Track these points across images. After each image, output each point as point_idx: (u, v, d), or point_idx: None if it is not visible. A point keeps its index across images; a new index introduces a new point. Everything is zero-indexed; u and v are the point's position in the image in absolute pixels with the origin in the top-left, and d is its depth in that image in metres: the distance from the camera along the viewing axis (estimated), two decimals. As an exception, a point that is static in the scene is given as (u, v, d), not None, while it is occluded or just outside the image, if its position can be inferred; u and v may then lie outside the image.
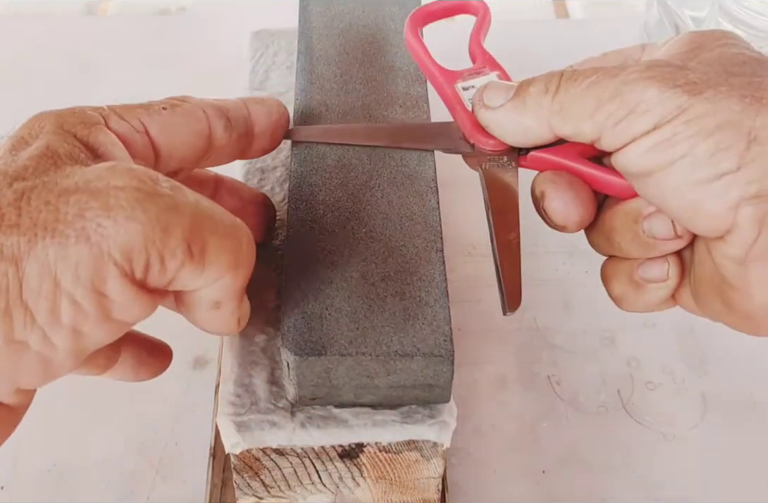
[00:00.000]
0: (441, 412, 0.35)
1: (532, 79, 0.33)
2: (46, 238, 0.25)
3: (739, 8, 0.50)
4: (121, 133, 0.32)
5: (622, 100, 0.29)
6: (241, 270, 0.30)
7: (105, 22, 0.74)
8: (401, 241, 0.36)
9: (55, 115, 0.31)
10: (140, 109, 0.33)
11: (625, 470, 0.46)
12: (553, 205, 0.33)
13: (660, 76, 0.29)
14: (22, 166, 0.28)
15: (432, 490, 0.39)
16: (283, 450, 0.36)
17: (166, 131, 0.33)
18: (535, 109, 0.32)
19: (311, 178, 0.38)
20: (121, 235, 0.26)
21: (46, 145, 0.29)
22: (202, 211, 0.28)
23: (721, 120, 0.28)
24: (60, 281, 0.25)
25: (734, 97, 0.28)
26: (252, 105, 0.37)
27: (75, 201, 0.26)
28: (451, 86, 0.36)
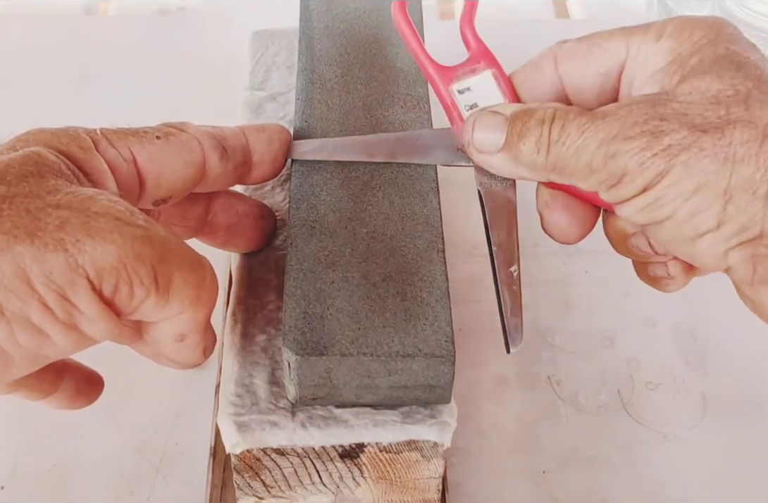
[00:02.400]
0: (441, 412, 0.35)
1: (522, 131, 0.32)
2: (26, 241, 0.26)
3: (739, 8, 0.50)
4: (111, 160, 0.32)
5: (609, 172, 0.31)
6: (204, 304, 0.31)
7: (105, 22, 0.74)
8: (402, 241, 0.36)
9: (50, 133, 0.32)
10: (133, 137, 0.33)
11: (625, 470, 0.46)
12: (551, 226, 0.35)
13: (639, 138, 0.30)
14: (5, 164, 0.29)
15: (432, 490, 0.39)
16: (283, 450, 0.36)
17: (155, 161, 0.34)
18: (530, 165, 0.33)
19: (312, 178, 0.38)
20: (97, 252, 0.27)
21: (35, 150, 0.30)
22: (170, 246, 0.29)
23: (698, 183, 0.29)
24: (33, 283, 0.26)
25: (708, 157, 0.29)
26: (251, 134, 0.37)
27: (57, 215, 0.27)
28: (447, 88, 0.35)
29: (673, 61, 0.31)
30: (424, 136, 0.37)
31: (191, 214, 0.39)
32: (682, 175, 0.29)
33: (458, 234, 0.53)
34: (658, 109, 0.30)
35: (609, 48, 0.33)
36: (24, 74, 0.66)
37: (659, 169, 0.29)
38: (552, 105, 0.33)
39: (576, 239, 0.35)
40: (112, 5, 0.76)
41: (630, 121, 0.30)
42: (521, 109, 0.33)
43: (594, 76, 0.33)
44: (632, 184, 0.30)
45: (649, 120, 0.30)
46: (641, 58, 0.32)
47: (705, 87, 0.30)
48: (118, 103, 0.63)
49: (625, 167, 0.30)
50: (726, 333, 0.52)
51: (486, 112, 0.34)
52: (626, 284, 0.54)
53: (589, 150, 0.31)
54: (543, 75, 0.34)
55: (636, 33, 0.33)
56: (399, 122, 0.41)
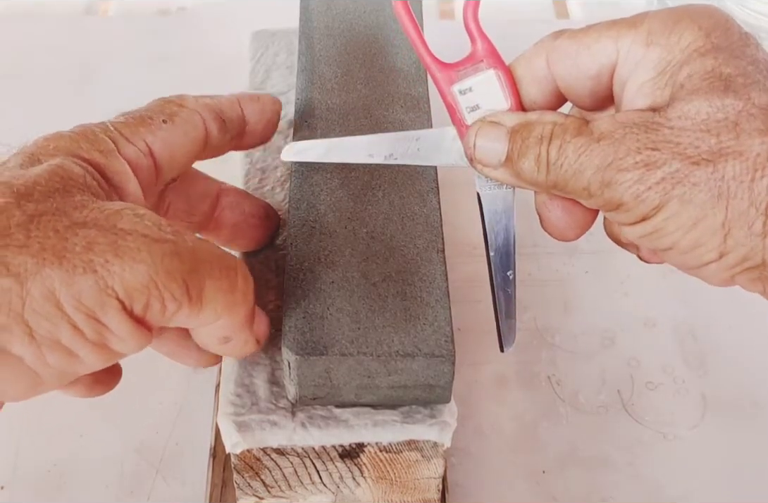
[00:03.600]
0: (441, 412, 0.35)
1: (521, 148, 0.32)
2: (54, 263, 0.26)
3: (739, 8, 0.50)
4: (132, 159, 0.33)
5: (605, 199, 0.31)
6: (239, 307, 0.31)
7: (105, 22, 0.74)
8: (402, 241, 0.36)
9: (69, 139, 0.32)
10: (143, 128, 0.34)
11: (625, 470, 0.46)
12: (549, 225, 0.35)
13: (633, 170, 0.30)
14: (32, 181, 0.28)
15: (432, 490, 0.39)
16: (283, 449, 0.36)
17: (168, 147, 0.34)
18: (531, 182, 0.33)
19: (312, 178, 0.38)
20: (127, 273, 0.27)
21: (59, 163, 0.30)
22: (199, 256, 0.29)
23: (695, 217, 0.29)
24: (63, 306, 0.26)
25: (702, 191, 0.29)
26: (246, 103, 0.38)
27: (84, 235, 0.27)
28: (448, 88, 0.35)
29: (662, 72, 0.31)
30: (424, 136, 0.37)
31: (197, 211, 0.39)
32: (678, 209, 0.29)
33: (458, 234, 0.53)
34: (650, 136, 0.30)
35: (598, 51, 0.33)
36: (24, 74, 0.66)
37: (655, 203, 0.30)
38: (550, 119, 0.32)
39: (575, 237, 0.35)
40: (112, 5, 0.76)
41: (624, 147, 0.30)
42: (521, 121, 0.33)
43: (585, 79, 0.33)
44: (629, 213, 0.31)
45: (642, 149, 0.30)
46: (631, 62, 0.32)
47: (695, 111, 0.30)
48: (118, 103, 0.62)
49: (620, 198, 0.30)
50: (726, 333, 0.52)
51: (487, 124, 0.34)
52: (626, 284, 0.54)
53: (586, 175, 0.31)
54: (538, 73, 0.34)
55: (624, 34, 0.32)
56: (399, 122, 0.41)
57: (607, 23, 0.33)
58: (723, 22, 0.31)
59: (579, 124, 0.31)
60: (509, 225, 0.36)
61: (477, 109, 0.35)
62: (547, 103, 0.34)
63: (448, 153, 0.36)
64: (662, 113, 0.30)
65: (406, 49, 0.44)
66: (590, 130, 0.31)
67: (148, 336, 0.29)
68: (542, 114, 0.33)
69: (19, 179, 0.28)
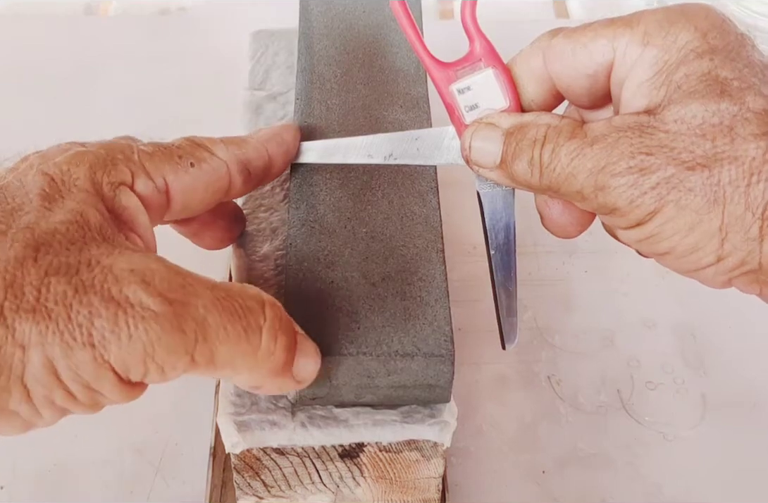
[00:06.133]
0: (441, 412, 0.35)
1: (515, 151, 0.32)
2: (56, 334, 0.26)
3: (739, 8, 0.50)
4: (145, 195, 0.32)
5: (599, 203, 0.31)
6: (262, 366, 0.30)
7: (105, 22, 0.74)
8: (402, 241, 0.36)
9: (89, 164, 0.31)
10: (168, 166, 0.33)
11: (625, 470, 0.46)
12: (550, 223, 0.35)
13: (627, 174, 0.29)
14: (52, 229, 0.28)
15: (432, 490, 0.39)
16: (283, 449, 0.36)
17: (187, 191, 0.34)
18: (525, 184, 0.33)
19: (312, 178, 0.38)
20: (122, 350, 0.27)
21: (79, 212, 0.29)
22: (210, 322, 0.28)
23: (691, 222, 0.29)
24: (60, 375, 0.27)
25: (698, 196, 0.29)
26: (272, 148, 0.37)
27: (88, 303, 0.27)
28: (447, 88, 0.35)
29: (659, 72, 0.31)
30: (423, 135, 0.37)
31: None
32: (674, 214, 0.29)
33: (458, 233, 0.53)
34: (644, 140, 0.30)
35: (594, 50, 0.32)
36: (24, 74, 0.66)
37: (650, 209, 0.29)
38: (545, 121, 0.32)
39: (576, 234, 0.36)
40: (112, 5, 0.76)
41: (617, 151, 0.30)
42: (516, 123, 0.33)
43: (582, 78, 0.33)
44: (624, 218, 0.30)
45: (635, 153, 0.29)
46: (628, 61, 0.32)
47: (690, 115, 0.29)
48: (118, 103, 0.63)
49: (614, 203, 0.30)
50: (726, 333, 0.52)
51: (483, 125, 0.34)
52: (626, 284, 0.54)
53: (579, 179, 0.30)
54: (535, 72, 0.34)
55: (621, 33, 0.32)
56: (398, 122, 0.41)
57: (603, 22, 0.33)
58: (719, 22, 0.31)
59: (573, 127, 0.31)
60: (509, 223, 0.36)
61: (475, 108, 0.35)
62: (545, 101, 0.34)
63: (448, 152, 0.36)
64: (657, 117, 0.30)
65: (406, 49, 0.44)
66: (584, 133, 0.31)
67: (142, 391, 0.29)
68: (538, 115, 0.33)
69: (42, 225, 0.28)
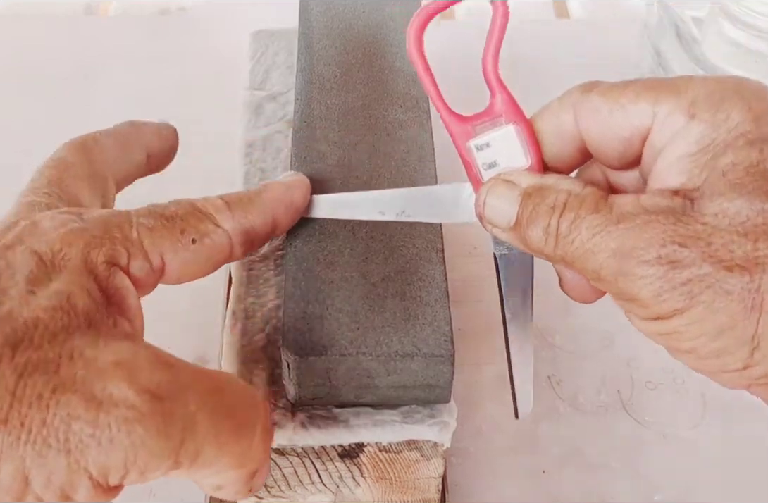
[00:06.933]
0: (441, 412, 0.35)
1: (531, 215, 0.30)
2: (28, 443, 0.25)
3: (739, 8, 0.50)
4: (139, 277, 0.31)
5: (618, 289, 0.28)
6: (244, 468, 0.29)
7: (105, 22, 0.74)
8: (402, 241, 0.36)
9: (84, 243, 0.29)
10: (168, 243, 0.31)
11: (625, 470, 0.46)
12: (569, 289, 0.34)
13: (656, 265, 0.27)
14: (35, 319, 0.27)
15: (432, 490, 0.39)
16: (283, 449, 0.36)
17: (184, 269, 0.32)
18: (538, 252, 0.31)
19: (312, 178, 0.38)
20: (102, 456, 0.25)
21: (66, 295, 0.28)
22: (198, 423, 0.27)
23: (722, 326, 0.27)
24: (31, 482, 0.25)
25: (734, 301, 0.26)
26: (281, 214, 0.35)
27: (65, 402, 0.25)
28: (464, 144, 0.32)
29: (703, 150, 0.28)
30: (437, 191, 0.35)
31: None
32: (704, 316, 0.27)
33: (458, 233, 0.53)
34: (679, 228, 0.27)
35: (632, 112, 0.30)
36: (24, 74, 0.66)
37: (677, 306, 0.27)
38: (566, 186, 0.30)
39: (595, 299, 0.34)
40: (112, 5, 0.76)
41: (646, 236, 0.27)
42: (536, 184, 0.31)
43: (616, 141, 0.30)
44: (644, 310, 0.28)
45: (667, 242, 0.27)
46: (668, 130, 0.29)
47: (734, 211, 0.27)
48: (118, 103, 0.63)
49: (637, 293, 0.27)
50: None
51: (500, 182, 0.32)
52: (626, 284, 0.54)
53: (599, 258, 0.28)
54: (563, 128, 0.31)
55: (664, 99, 0.29)
56: (398, 122, 0.41)
57: (645, 83, 0.30)
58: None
59: (597, 198, 0.29)
60: (527, 288, 0.34)
61: (494, 165, 0.32)
62: (571, 158, 0.32)
63: (464, 210, 0.34)
64: (695, 205, 0.27)
65: (406, 49, 0.44)
66: (609, 208, 0.28)
67: (118, 493, 0.27)
68: (559, 179, 0.31)
69: (24, 313, 0.27)
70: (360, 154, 0.40)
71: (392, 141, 0.40)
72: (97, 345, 0.27)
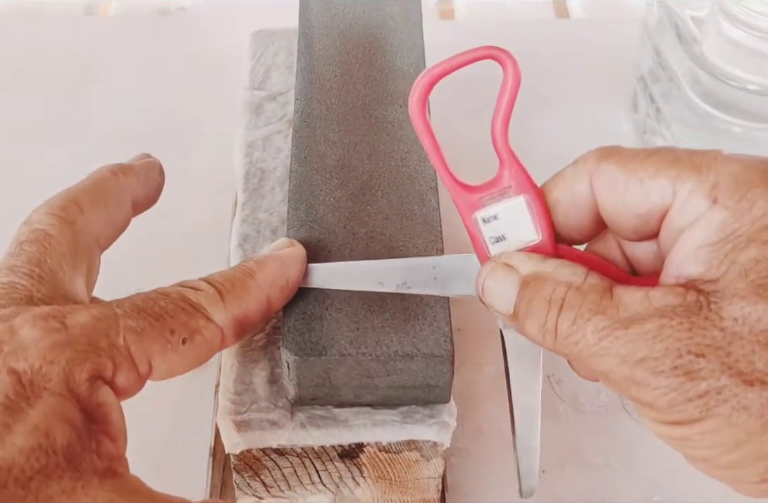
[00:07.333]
0: (441, 412, 0.35)
1: (528, 308, 0.29)
2: None
3: (739, 8, 0.50)
4: (125, 387, 0.29)
5: (630, 395, 0.27)
6: None
7: (105, 22, 0.74)
8: (401, 241, 0.36)
9: (66, 360, 0.27)
10: (157, 346, 0.29)
11: (625, 470, 0.46)
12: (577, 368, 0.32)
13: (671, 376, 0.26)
14: (10, 462, 0.24)
15: (432, 490, 0.39)
16: (283, 449, 0.36)
17: (171, 370, 0.30)
18: (539, 344, 0.29)
19: (311, 178, 0.38)
20: None
21: (45, 431, 0.25)
22: None
23: (739, 440, 0.26)
24: None
25: (753, 416, 0.25)
26: (276, 295, 0.33)
27: None
28: (470, 216, 0.31)
29: (725, 240, 0.26)
30: (441, 263, 0.33)
31: None
32: (720, 428, 0.25)
33: (458, 234, 0.53)
34: (695, 336, 0.25)
35: (651, 189, 0.28)
36: (24, 74, 0.66)
37: (692, 416, 0.26)
38: (566, 277, 0.28)
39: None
40: (112, 5, 0.76)
41: (661, 346, 0.26)
42: (535, 271, 0.29)
43: (632, 216, 0.29)
44: (658, 415, 0.27)
45: (683, 352, 0.25)
46: (689, 213, 0.27)
47: (755, 317, 0.25)
48: (118, 103, 0.63)
49: (651, 401, 0.26)
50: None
51: (500, 266, 0.30)
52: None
53: (607, 363, 0.26)
54: (578, 199, 0.30)
55: (686, 177, 0.27)
56: (398, 121, 0.41)
57: (666, 158, 0.28)
58: None
59: (600, 294, 0.27)
60: (536, 367, 0.33)
61: (503, 239, 0.31)
62: (586, 229, 0.31)
63: (469, 283, 0.32)
64: (712, 302, 0.26)
65: (406, 49, 0.44)
66: (615, 308, 0.27)
67: None
68: (558, 267, 0.29)
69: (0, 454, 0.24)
70: (360, 154, 0.40)
71: (392, 141, 0.40)
72: (75, 493, 0.25)
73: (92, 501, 0.25)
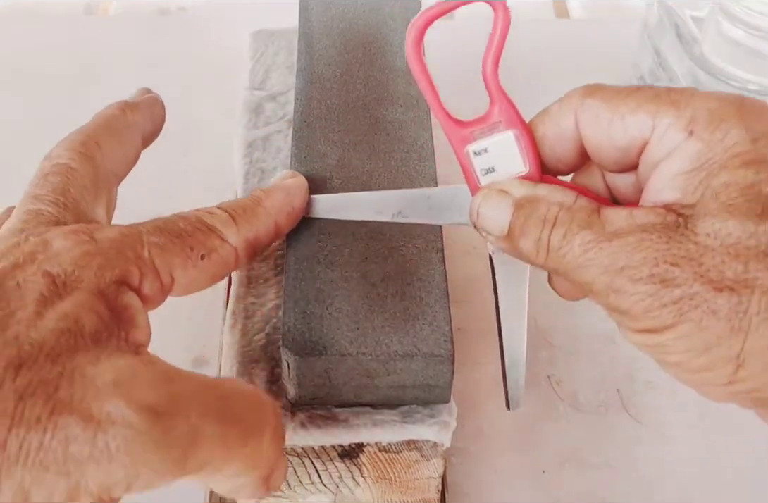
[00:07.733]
0: (441, 412, 0.35)
1: (522, 227, 0.30)
2: (27, 465, 0.25)
3: (739, 8, 0.50)
4: (150, 295, 0.31)
5: (609, 303, 0.29)
6: (261, 467, 0.29)
7: (105, 22, 0.74)
8: (401, 241, 0.36)
9: (97, 266, 0.29)
10: (178, 260, 0.32)
11: (625, 470, 0.46)
12: (557, 286, 0.35)
13: (648, 283, 0.27)
14: (40, 341, 0.26)
15: (432, 490, 0.39)
16: (283, 449, 0.36)
17: (192, 285, 0.33)
18: (530, 262, 0.31)
19: (311, 178, 0.38)
20: (102, 474, 0.25)
21: (74, 318, 0.27)
22: (202, 433, 0.27)
23: (708, 343, 0.27)
24: (32, 501, 0.25)
25: (721, 321, 0.27)
26: (283, 220, 0.36)
27: (63, 424, 0.25)
28: (462, 149, 0.32)
29: (699, 168, 0.28)
30: (435, 193, 0.35)
31: None
32: (691, 332, 0.27)
33: (458, 234, 0.53)
34: (672, 247, 0.27)
35: (632, 123, 0.30)
36: (24, 74, 0.66)
37: (666, 322, 0.28)
38: (558, 198, 0.30)
39: (581, 298, 0.34)
40: (112, 5, 0.76)
41: (639, 256, 0.28)
42: (528, 195, 0.31)
43: (613, 149, 0.31)
44: (634, 322, 0.29)
45: (660, 261, 0.27)
46: (665, 145, 0.29)
47: (725, 232, 0.27)
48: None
49: (629, 308, 0.28)
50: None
51: (494, 191, 0.32)
52: (626, 284, 0.54)
53: (591, 273, 0.29)
54: (564, 133, 0.31)
55: (664, 112, 0.29)
56: (398, 121, 0.41)
57: (647, 93, 0.30)
58: None
59: (589, 213, 0.29)
60: (522, 289, 0.35)
61: (492, 171, 0.32)
62: (571, 161, 0.33)
63: (461, 212, 0.34)
64: (689, 222, 0.28)
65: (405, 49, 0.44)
66: (601, 224, 0.29)
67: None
68: (551, 190, 0.31)
69: (31, 335, 0.26)
70: (360, 154, 0.40)
71: (392, 141, 0.40)
72: (99, 362, 0.27)
73: (113, 373, 0.26)
